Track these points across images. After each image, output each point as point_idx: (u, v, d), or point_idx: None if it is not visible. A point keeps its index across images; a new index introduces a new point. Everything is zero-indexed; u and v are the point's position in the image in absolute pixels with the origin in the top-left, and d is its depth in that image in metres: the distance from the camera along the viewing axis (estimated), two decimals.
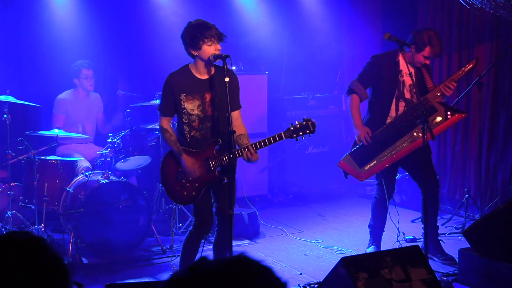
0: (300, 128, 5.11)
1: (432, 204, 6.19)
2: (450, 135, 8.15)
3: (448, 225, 7.45)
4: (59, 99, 7.43)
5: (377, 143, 6.07)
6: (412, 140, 6.01)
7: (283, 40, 9.18)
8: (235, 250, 6.64)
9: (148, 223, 6.62)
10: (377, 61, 6.16)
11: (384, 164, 6.11)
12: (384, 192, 6.24)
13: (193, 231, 5.26)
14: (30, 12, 7.75)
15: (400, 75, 6.09)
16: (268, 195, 8.84)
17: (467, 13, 7.61)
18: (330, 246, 6.84)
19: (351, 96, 6.16)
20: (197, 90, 5.09)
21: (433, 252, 6.24)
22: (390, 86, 6.10)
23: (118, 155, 6.85)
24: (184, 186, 5.13)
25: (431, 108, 5.95)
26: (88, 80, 7.41)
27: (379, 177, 6.27)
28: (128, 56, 8.24)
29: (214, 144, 5.11)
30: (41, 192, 6.56)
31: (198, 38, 4.95)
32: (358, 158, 6.17)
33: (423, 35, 5.99)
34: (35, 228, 6.50)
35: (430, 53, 5.99)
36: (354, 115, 6.13)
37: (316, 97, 9.04)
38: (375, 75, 6.13)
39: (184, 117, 5.08)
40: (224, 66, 4.92)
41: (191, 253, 5.31)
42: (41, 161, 6.63)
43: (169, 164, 5.18)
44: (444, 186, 8.20)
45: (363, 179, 6.22)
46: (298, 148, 8.82)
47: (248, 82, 8.44)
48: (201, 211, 5.23)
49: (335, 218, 8.03)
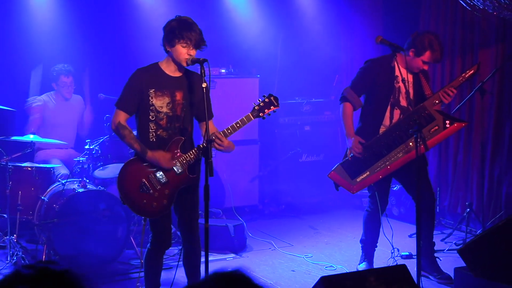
0: (265, 105, 5.02)
1: (427, 218, 5.81)
2: (452, 145, 7.74)
3: (448, 241, 7.04)
4: (33, 101, 7.11)
5: (370, 153, 5.70)
6: (407, 150, 5.62)
7: (277, 42, 8.80)
8: (217, 265, 6.32)
9: (127, 235, 6.25)
10: (371, 66, 5.79)
11: (378, 176, 5.73)
12: (376, 204, 5.86)
13: (151, 247, 4.93)
14: (6, 12, 7.39)
15: (396, 81, 5.70)
16: (258, 206, 8.45)
17: (471, 15, 7.21)
18: (320, 262, 6.46)
19: (344, 104, 5.80)
20: (167, 86, 4.80)
21: (429, 270, 5.87)
22: (385, 92, 5.72)
23: (96, 162, 6.49)
24: (153, 197, 4.76)
25: (429, 116, 5.56)
26: (66, 88, 7.12)
27: (371, 189, 5.88)
28: (111, 58, 7.86)
29: (178, 143, 4.80)
30: (15, 201, 6.22)
31: (175, 35, 4.71)
32: (350, 169, 5.79)
33: (423, 38, 5.61)
34: (7, 238, 6.15)
35: (430, 58, 5.60)
36: (346, 124, 5.77)
37: (311, 102, 8.65)
38: (369, 81, 5.76)
39: (151, 114, 4.75)
40: (202, 71, 4.59)
41: (155, 271, 5.02)
42: (15, 168, 6.30)
43: (129, 176, 4.78)
44: (445, 199, 7.81)
45: (355, 191, 5.85)
46: (291, 156, 8.45)
47: (239, 86, 8.13)
48: (159, 225, 4.88)
49: (328, 231, 7.63)
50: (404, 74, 5.55)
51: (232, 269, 1.69)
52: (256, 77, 8.29)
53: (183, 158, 4.79)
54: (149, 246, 4.93)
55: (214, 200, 7.80)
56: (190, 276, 5.14)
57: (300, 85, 8.83)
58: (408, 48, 5.65)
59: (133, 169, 4.77)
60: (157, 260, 5.01)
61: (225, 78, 8.08)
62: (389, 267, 4.86)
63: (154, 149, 4.74)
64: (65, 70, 7.08)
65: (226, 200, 8.04)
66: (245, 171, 8.24)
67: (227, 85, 8.06)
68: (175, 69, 4.82)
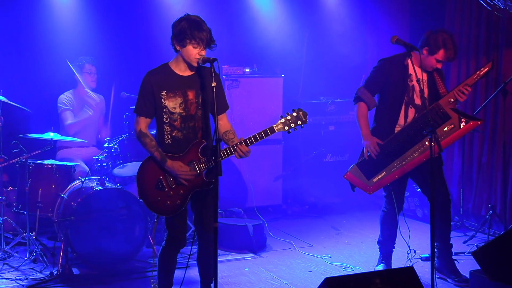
0: (292, 119, 4.95)
1: (441, 219, 5.70)
2: (477, 146, 7.59)
3: (470, 243, 6.91)
4: (62, 97, 7.15)
5: (386, 153, 5.63)
6: (424, 150, 5.54)
7: (302, 41, 8.75)
8: (235, 264, 6.30)
9: (144, 233, 6.26)
10: (384, 66, 5.71)
11: (394, 176, 5.66)
12: (393, 205, 5.80)
13: (165, 246, 4.92)
14: (32, 10, 7.47)
15: (410, 79, 5.62)
16: (282, 206, 8.41)
17: (497, 16, 7.07)
18: (338, 263, 6.40)
19: (358, 104, 5.76)
20: (178, 87, 4.77)
21: (446, 272, 5.77)
22: (399, 91, 5.64)
23: (116, 160, 6.52)
24: (167, 195, 4.75)
25: (444, 115, 5.46)
26: (91, 75, 7.15)
27: (387, 189, 5.81)
28: (134, 56, 7.88)
29: (198, 146, 4.77)
30: (35, 198, 6.27)
31: (186, 35, 4.66)
32: (366, 170, 5.74)
33: (437, 36, 5.51)
34: (26, 235, 6.22)
35: (443, 56, 5.50)
36: (362, 125, 5.73)
37: (336, 102, 8.56)
38: (383, 80, 5.69)
39: (165, 116, 4.74)
40: (212, 70, 4.54)
41: (169, 269, 4.99)
42: (35, 165, 6.36)
43: (147, 173, 4.78)
44: (469, 201, 7.67)
45: (371, 192, 5.77)
46: (315, 156, 8.38)
47: (263, 85, 8.11)
48: (174, 223, 4.87)
49: (349, 232, 7.55)
50: (419, 73, 5.47)
51: None
52: (280, 76, 8.24)
53: (202, 162, 4.77)
54: (164, 244, 4.94)
55: (235, 199, 7.81)
56: (203, 274, 5.13)
57: (325, 85, 8.76)
58: (422, 47, 5.56)
59: (151, 166, 4.77)
60: (170, 258, 4.99)
61: (249, 78, 8.06)
62: (396, 269, 4.75)
63: (172, 152, 4.73)
64: (90, 59, 7.14)
65: (248, 199, 8.01)
66: (268, 170, 8.20)
67: (251, 84, 8.04)
68: (186, 68, 4.79)
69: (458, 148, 7.81)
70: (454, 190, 7.79)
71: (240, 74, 8.00)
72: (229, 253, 6.67)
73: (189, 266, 5.93)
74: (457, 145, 7.84)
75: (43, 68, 7.45)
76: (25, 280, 5.83)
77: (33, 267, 6.14)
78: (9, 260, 6.33)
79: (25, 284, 5.74)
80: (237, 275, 6.07)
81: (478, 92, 7.57)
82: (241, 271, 6.18)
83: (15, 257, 6.39)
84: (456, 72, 7.86)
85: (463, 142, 7.57)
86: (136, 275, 6.05)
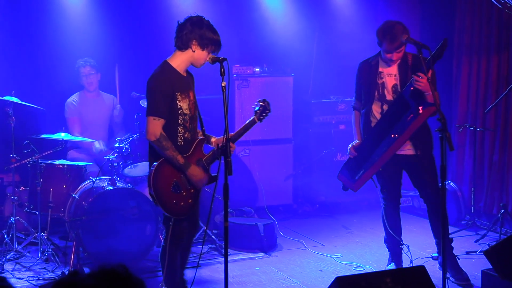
0: (263, 109, 5.01)
1: (435, 216, 5.70)
2: (488, 143, 7.56)
3: (481, 242, 6.86)
4: (68, 102, 7.20)
5: (363, 150, 5.76)
6: (390, 143, 5.60)
7: (312, 40, 8.73)
8: (246, 264, 6.30)
9: (155, 233, 6.27)
10: (358, 68, 5.91)
11: (372, 171, 5.75)
12: (389, 200, 5.87)
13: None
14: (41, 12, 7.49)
15: (379, 77, 5.69)
16: (293, 205, 8.40)
17: (507, 13, 7.02)
18: (349, 262, 6.38)
19: (353, 112, 5.98)
20: (186, 87, 4.83)
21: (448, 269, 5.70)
22: (369, 90, 5.74)
23: (126, 160, 6.52)
24: (182, 196, 4.80)
25: (406, 104, 5.46)
26: (85, 78, 7.15)
27: (379, 185, 5.88)
28: (144, 56, 7.88)
29: (201, 144, 4.88)
30: (46, 198, 6.29)
31: (210, 41, 4.71)
32: (350, 169, 5.91)
33: (378, 30, 5.59)
34: (38, 235, 6.25)
35: (387, 47, 5.52)
36: (354, 130, 5.94)
37: (346, 101, 8.53)
38: (359, 83, 5.88)
39: (180, 118, 4.75)
40: (222, 70, 4.51)
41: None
42: (46, 165, 6.37)
43: (162, 177, 4.75)
44: (480, 200, 7.63)
45: (356, 189, 5.92)
46: (325, 155, 8.36)
47: (273, 85, 8.09)
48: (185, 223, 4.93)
49: (360, 231, 7.53)
50: (392, 69, 5.59)
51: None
52: (290, 75, 8.23)
53: (207, 159, 4.82)
54: (163, 243, 5.00)
55: (246, 198, 7.80)
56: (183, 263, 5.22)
57: (335, 84, 8.72)
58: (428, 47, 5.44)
59: (166, 169, 4.75)
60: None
61: (259, 77, 8.05)
62: (407, 267, 4.74)
63: (181, 154, 4.74)
64: (82, 61, 7.13)
65: (259, 199, 8.00)
66: (278, 170, 8.19)
67: (261, 83, 8.04)
68: (185, 68, 4.83)
69: (469, 146, 7.78)
70: (465, 188, 7.75)
71: (250, 73, 8.00)
72: (240, 253, 6.68)
73: (200, 265, 5.95)
74: (468, 144, 7.80)
75: (54, 69, 7.46)
76: (37, 280, 5.84)
77: (45, 267, 6.15)
78: (21, 259, 6.35)
79: (37, 283, 5.75)
80: (247, 274, 6.07)
81: (489, 90, 7.53)
82: (251, 270, 6.18)
83: (27, 256, 6.41)
84: (467, 71, 7.83)
85: (474, 140, 7.54)
86: (147, 275, 6.04)
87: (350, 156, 5.86)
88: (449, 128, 5.09)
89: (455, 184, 7.62)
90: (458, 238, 6.93)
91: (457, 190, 7.52)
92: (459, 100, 7.91)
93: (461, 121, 7.79)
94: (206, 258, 6.46)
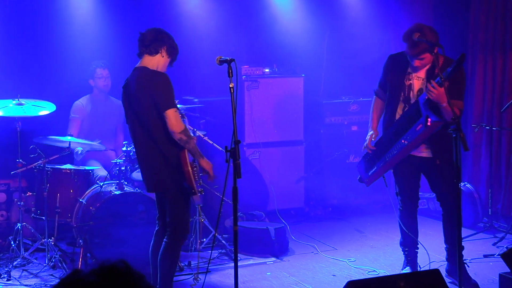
0: None
1: (450, 221, 5.52)
2: (505, 144, 7.40)
3: (499, 245, 6.69)
4: (77, 103, 7.13)
5: (379, 147, 5.61)
6: (400, 146, 5.39)
7: (323, 40, 8.58)
8: (257, 269, 6.17)
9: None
10: (387, 62, 5.65)
11: (382, 170, 5.61)
12: (406, 203, 5.69)
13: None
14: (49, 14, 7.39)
15: (407, 78, 5.44)
16: (305, 208, 8.23)
17: None
18: (362, 266, 6.23)
19: (374, 97, 5.79)
20: None
21: (455, 276, 5.51)
22: (396, 89, 5.51)
23: (134, 164, 6.41)
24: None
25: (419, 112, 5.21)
26: (102, 80, 7.07)
27: (396, 187, 5.71)
28: None
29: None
30: (53, 203, 6.19)
31: (174, 49, 5.04)
32: (366, 163, 5.82)
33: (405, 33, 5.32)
34: (45, 241, 6.14)
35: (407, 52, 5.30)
36: (371, 116, 5.79)
37: (358, 102, 8.38)
38: (385, 77, 5.63)
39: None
40: (229, 71, 4.52)
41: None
42: (53, 170, 6.27)
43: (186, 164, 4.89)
44: (498, 202, 7.48)
45: (368, 184, 5.87)
46: (337, 157, 8.21)
47: (283, 86, 7.96)
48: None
49: (374, 234, 7.37)
50: (421, 72, 5.36)
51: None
52: (300, 76, 8.08)
53: None
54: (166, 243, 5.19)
55: (256, 202, 7.67)
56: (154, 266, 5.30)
57: (347, 84, 8.57)
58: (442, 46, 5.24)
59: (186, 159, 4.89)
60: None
61: (268, 78, 7.91)
62: (421, 271, 4.60)
63: None
64: (100, 63, 7.07)
65: (270, 202, 7.86)
66: (290, 172, 8.04)
67: (271, 85, 7.90)
68: None
69: (485, 147, 7.61)
70: (482, 190, 7.59)
71: (260, 74, 7.87)
72: (251, 257, 6.54)
73: (209, 271, 5.84)
74: (484, 144, 7.64)
75: (62, 72, 7.36)
76: (44, 287, 5.75)
77: (52, 274, 6.05)
78: (28, 266, 6.25)
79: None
80: (259, 279, 5.93)
81: (506, 88, 7.37)
82: (263, 275, 6.05)
83: (34, 263, 6.30)
84: (482, 69, 7.67)
85: (491, 140, 7.37)
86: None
87: (367, 151, 5.71)
88: (464, 128, 4.92)
89: (471, 186, 7.44)
90: (476, 241, 6.79)
91: (473, 192, 7.34)
92: (474, 99, 7.75)
93: (477, 121, 7.63)
94: (216, 264, 6.33)
